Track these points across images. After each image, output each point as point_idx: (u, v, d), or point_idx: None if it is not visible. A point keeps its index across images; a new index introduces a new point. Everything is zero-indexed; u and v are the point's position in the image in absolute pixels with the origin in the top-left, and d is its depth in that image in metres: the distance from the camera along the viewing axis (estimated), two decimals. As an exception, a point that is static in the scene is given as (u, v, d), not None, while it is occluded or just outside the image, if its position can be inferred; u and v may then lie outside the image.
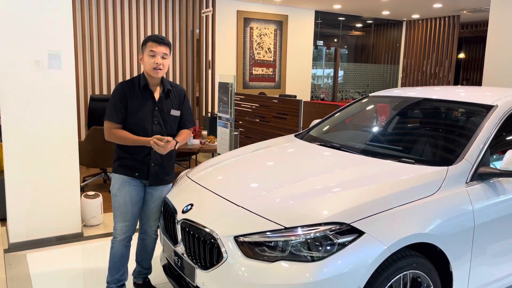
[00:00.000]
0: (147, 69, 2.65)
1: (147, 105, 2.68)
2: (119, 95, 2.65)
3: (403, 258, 2.15)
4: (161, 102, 2.71)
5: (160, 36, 2.68)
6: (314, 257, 1.99)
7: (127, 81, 2.73)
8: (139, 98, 2.67)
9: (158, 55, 2.62)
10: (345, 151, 2.91)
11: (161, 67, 2.63)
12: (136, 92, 2.68)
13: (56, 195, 3.81)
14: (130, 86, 2.69)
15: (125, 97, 2.65)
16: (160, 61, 2.63)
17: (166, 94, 2.74)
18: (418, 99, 3.41)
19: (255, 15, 9.11)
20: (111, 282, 2.76)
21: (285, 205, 2.23)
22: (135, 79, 2.73)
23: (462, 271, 2.38)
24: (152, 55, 2.62)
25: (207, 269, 2.22)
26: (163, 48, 2.63)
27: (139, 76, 2.73)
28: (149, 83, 2.70)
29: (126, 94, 2.66)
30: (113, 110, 2.65)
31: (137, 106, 2.66)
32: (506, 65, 5.85)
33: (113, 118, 2.64)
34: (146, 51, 2.64)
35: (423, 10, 9.80)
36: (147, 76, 2.69)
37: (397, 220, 2.14)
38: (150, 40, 2.64)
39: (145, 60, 2.65)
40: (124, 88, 2.67)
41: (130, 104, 2.65)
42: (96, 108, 6.55)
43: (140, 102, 2.67)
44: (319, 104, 8.49)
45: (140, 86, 2.68)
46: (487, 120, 2.67)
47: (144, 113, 2.66)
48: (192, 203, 2.49)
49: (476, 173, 2.47)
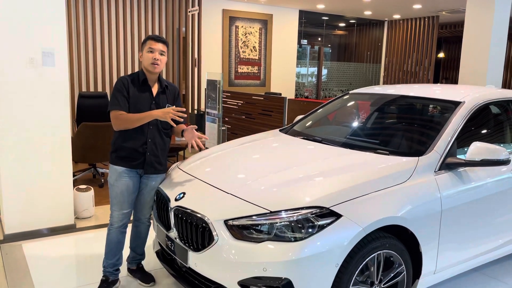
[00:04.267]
0: (146, 64, 2.85)
1: (146, 99, 2.88)
2: (121, 86, 2.85)
3: (377, 239, 2.37)
4: (158, 97, 2.92)
5: (159, 35, 2.94)
6: (297, 238, 2.20)
7: (127, 76, 2.94)
8: (139, 91, 2.88)
9: (156, 52, 2.83)
10: (326, 144, 3.13)
11: (158, 62, 2.84)
12: (136, 86, 2.88)
13: (49, 188, 3.95)
14: (131, 80, 2.89)
15: (127, 88, 2.85)
16: (158, 57, 2.84)
17: (163, 90, 2.94)
18: (395, 96, 3.65)
19: (240, 14, 9.29)
20: (107, 266, 2.94)
21: (270, 192, 2.45)
22: (135, 74, 2.94)
23: (430, 252, 2.62)
24: (150, 51, 2.83)
25: (199, 251, 2.41)
26: (160, 46, 2.85)
27: (138, 72, 2.95)
28: (148, 79, 2.90)
29: (127, 85, 2.86)
30: (118, 99, 2.82)
31: (136, 98, 2.86)
32: (480, 64, 6.15)
33: (119, 107, 2.80)
34: (145, 48, 2.86)
35: (404, 11, 10.11)
36: (146, 71, 2.90)
37: (372, 204, 2.37)
38: (150, 39, 2.87)
39: (144, 56, 2.87)
40: (125, 81, 2.88)
41: (131, 95, 2.85)
42: (84, 105, 6.67)
43: (139, 95, 2.87)
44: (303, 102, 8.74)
45: (139, 81, 2.88)
46: (454, 115, 2.92)
47: (142, 106, 2.85)
48: (184, 191, 2.68)
49: (444, 163, 2.71)
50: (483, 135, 3.22)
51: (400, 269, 2.51)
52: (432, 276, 2.71)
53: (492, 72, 6.13)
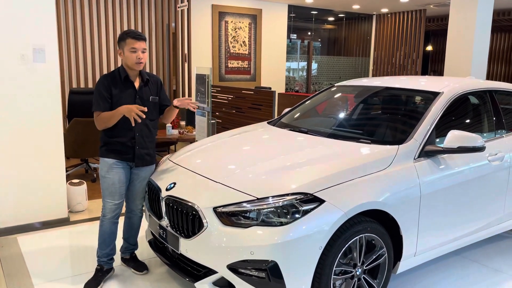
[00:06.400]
0: (130, 64, 2.91)
1: (129, 94, 2.95)
2: (103, 86, 2.91)
3: (359, 223, 2.49)
4: (141, 91, 2.99)
5: (137, 32, 2.93)
6: (282, 222, 2.32)
7: (108, 74, 2.99)
8: (122, 88, 2.94)
9: (139, 50, 2.89)
10: (312, 134, 3.24)
11: (142, 60, 2.92)
12: (118, 83, 2.94)
13: (43, 182, 4.02)
14: (112, 78, 2.95)
15: (109, 87, 2.91)
16: (141, 56, 2.90)
17: (145, 83, 3.02)
18: (378, 87, 3.77)
19: (229, 9, 9.36)
20: (102, 256, 3.03)
21: (257, 180, 2.56)
22: (115, 71, 2.99)
23: (410, 235, 2.75)
24: (133, 51, 2.88)
25: (190, 237, 2.52)
26: (142, 44, 2.91)
27: (118, 69, 2.99)
28: (129, 75, 2.97)
29: (109, 85, 2.92)
30: (99, 100, 2.89)
31: (120, 95, 2.93)
32: (464, 56, 6.30)
33: (99, 107, 2.89)
34: (126, 47, 2.88)
35: (391, 4, 10.24)
36: (127, 68, 2.96)
37: (354, 190, 2.49)
38: (129, 37, 2.88)
39: (126, 55, 2.90)
40: (107, 80, 2.94)
41: (113, 94, 2.91)
42: (75, 101, 6.71)
43: (122, 92, 2.94)
44: (293, 96, 8.85)
45: (121, 78, 2.94)
46: (433, 105, 3.05)
47: (126, 102, 2.93)
48: (175, 181, 2.78)
49: (423, 151, 2.84)
50: (461, 124, 3.35)
51: (381, 251, 2.64)
52: (412, 258, 2.85)
53: (476, 64, 6.28)
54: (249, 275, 2.34)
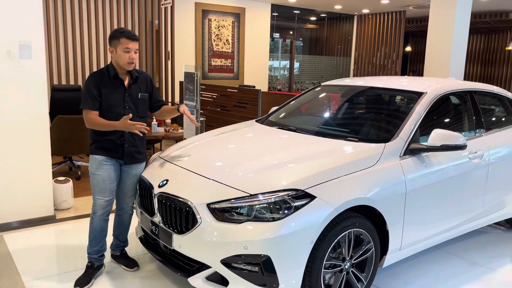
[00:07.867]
0: (122, 63, 2.92)
1: (118, 91, 2.96)
2: (92, 84, 2.91)
3: (348, 218, 2.58)
4: (130, 88, 3.01)
5: (132, 33, 2.93)
6: (275, 218, 2.38)
7: (97, 72, 2.99)
8: (111, 86, 2.95)
9: (132, 51, 2.91)
10: (300, 133, 3.32)
11: (134, 61, 2.94)
12: (107, 81, 2.94)
13: (29, 180, 3.98)
14: (101, 76, 2.95)
15: (98, 85, 2.91)
16: (134, 56, 2.92)
17: (134, 81, 3.03)
18: (364, 87, 3.88)
19: (213, 7, 9.37)
20: (92, 253, 3.04)
21: (249, 177, 2.62)
22: (104, 69, 2.99)
23: (396, 230, 2.85)
24: (127, 51, 2.89)
25: (183, 233, 2.56)
26: (136, 44, 2.92)
27: (107, 67, 2.99)
28: (119, 73, 2.98)
29: (98, 82, 2.92)
30: (88, 98, 2.89)
31: (109, 93, 2.93)
32: (443, 57, 6.48)
33: (90, 106, 2.89)
34: (120, 46, 2.88)
35: (372, 5, 10.43)
36: (117, 66, 2.96)
37: (343, 186, 2.58)
38: (124, 37, 2.88)
39: (119, 54, 2.90)
40: (96, 78, 2.94)
41: (102, 91, 2.92)
42: (58, 98, 6.62)
43: (112, 90, 2.94)
44: (276, 95, 8.92)
45: (110, 76, 2.95)
46: (418, 105, 3.16)
47: (116, 99, 2.94)
48: (167, 178, 2.81)
49: (408, 149, 2.95)
50: (444, 123, 3.48)
51: (369, 246, 2.74)
52: (398, 252, 2.95)
53: (455, 64, 6.48)
54: (242, 269, 2.40)
